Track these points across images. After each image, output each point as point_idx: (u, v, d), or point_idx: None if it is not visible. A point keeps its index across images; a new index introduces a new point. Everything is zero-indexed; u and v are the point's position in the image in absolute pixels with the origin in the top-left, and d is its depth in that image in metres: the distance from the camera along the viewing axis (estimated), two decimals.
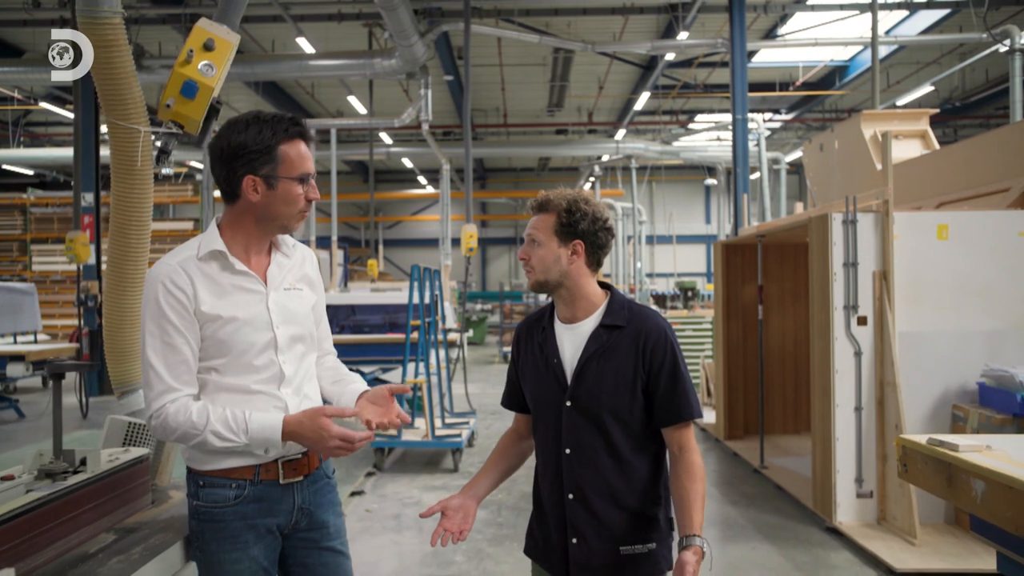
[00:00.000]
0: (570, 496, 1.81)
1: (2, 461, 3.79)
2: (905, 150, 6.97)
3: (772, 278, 7.09)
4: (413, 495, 5.64)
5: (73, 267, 19.53)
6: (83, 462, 1.85)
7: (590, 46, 12.43)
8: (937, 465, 1.92)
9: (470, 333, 16.78)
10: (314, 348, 1.95)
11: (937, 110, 7.81)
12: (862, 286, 4.61)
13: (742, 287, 7.29)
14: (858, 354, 4.61)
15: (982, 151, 5.51)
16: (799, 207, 6.90)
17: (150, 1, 11.94)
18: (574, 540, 1.81)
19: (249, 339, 1.75)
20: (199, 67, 2.43)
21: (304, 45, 12.18)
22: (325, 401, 1.95)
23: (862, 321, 4.61)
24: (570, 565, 1.82)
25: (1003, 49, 10.93)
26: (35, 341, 11.25)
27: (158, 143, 2.48)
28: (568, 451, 1.81)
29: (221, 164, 1.76)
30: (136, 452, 2.07)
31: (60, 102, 16.47)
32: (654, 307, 14.56)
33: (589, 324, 1.84)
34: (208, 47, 2.45)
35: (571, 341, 1.85)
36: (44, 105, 16.10)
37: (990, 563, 2.07)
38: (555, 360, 1.85)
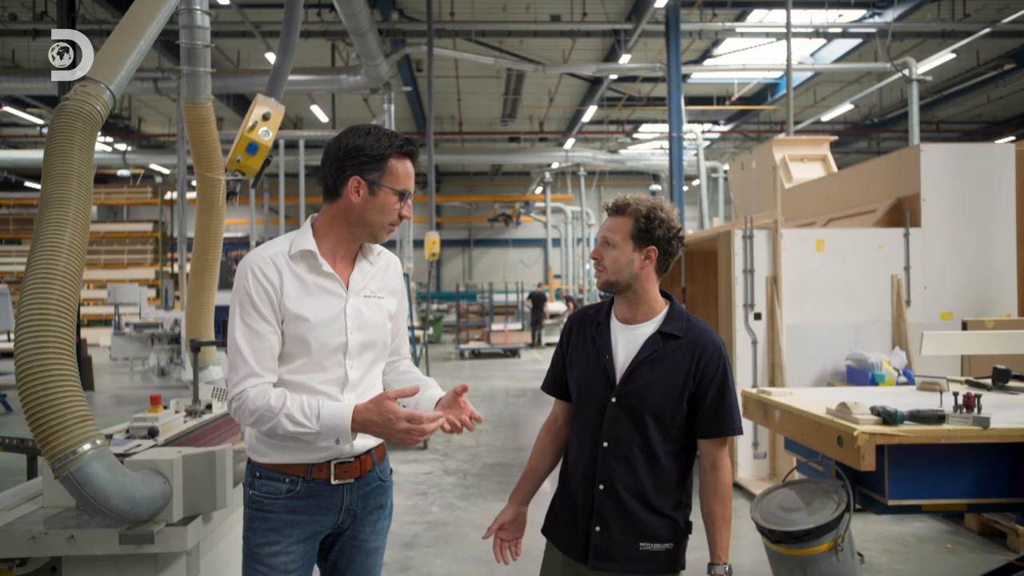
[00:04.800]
0: (600, 487, 1.88)
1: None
2: (808, 171, 8.20)
3: (699, 281, 8.21)
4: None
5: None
6: (208, 407, 2.78)
7: (540, 67, 13.50)
8: (760, 405, 2.99)
9: (431, 332, 17.61)
10: (384, 357, 1.99)
11: (836, 136, 9.09)
12: (757, 288, 5.74)
13: (671, 289, 8.41)
14: (754, 343, 5.74)
15: (860, 178, 6.72)
16: (716, 222, 8.04)
17: None
18: (597, 528, 1.88)
19: (322, 340, 1.80)
20: (259, 132, 3.38)
21: (272, 60, 12.93)
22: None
23: (757, 316, 5.74)
24: (590, 552, 1.88)
25: (906, 77, 12.40)
26: (9, 339, 11.77)
27: (227, 187, 3.42)
28: (606, 444, 1.88)
29: (333, 161, 1.81)
30: None
31: (20, 105, 16.77)
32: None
33: (647, 328, 1.90)
34: (265, 117, 3.40)
35: (626, 341, 1.91)
36: (7, 109, 16.42)
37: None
38: (607, 356, 1.90)
